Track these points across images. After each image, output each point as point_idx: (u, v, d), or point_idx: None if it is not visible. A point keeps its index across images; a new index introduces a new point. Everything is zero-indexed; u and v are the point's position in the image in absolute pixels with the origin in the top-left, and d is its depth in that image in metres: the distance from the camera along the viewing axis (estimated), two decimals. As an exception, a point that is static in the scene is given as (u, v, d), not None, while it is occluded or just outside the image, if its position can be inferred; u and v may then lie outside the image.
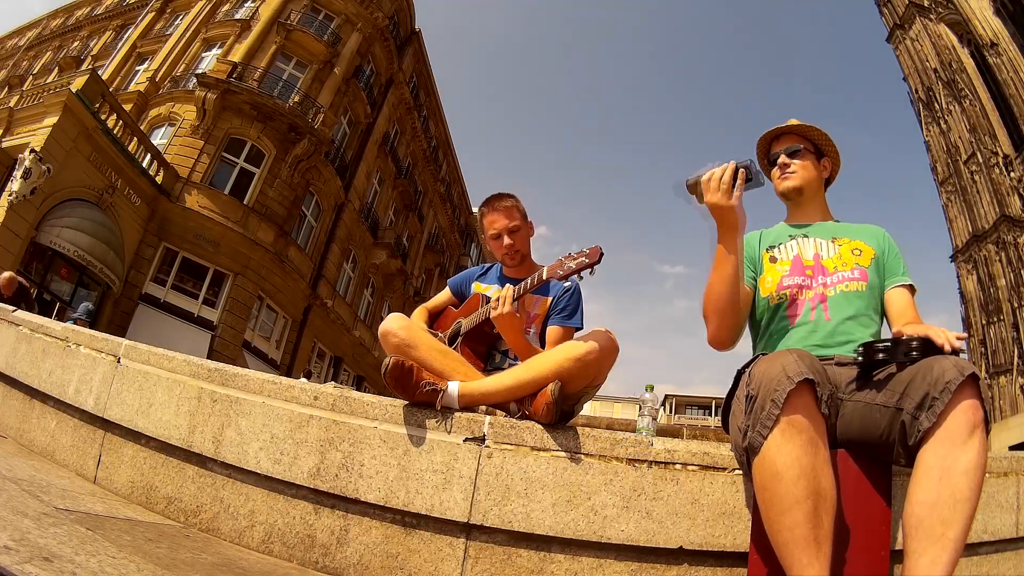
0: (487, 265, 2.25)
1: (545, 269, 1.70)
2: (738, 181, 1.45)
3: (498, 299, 1.76)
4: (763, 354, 1.38)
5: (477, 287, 2.14)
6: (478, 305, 1.98)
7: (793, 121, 1.76)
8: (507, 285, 1.79)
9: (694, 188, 1.52)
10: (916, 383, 1.20)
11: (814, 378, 1.19)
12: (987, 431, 1.16)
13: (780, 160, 1.72)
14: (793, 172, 1.71)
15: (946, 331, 1.27)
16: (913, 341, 1.27)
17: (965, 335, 1.28)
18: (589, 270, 1.62)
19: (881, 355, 1.29)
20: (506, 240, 2.03)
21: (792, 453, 1.14)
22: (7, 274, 6.96)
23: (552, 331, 1.97)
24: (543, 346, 1.94)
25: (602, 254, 1.60)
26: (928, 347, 1.26)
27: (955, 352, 1.24)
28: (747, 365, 1.43)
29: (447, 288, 2.24)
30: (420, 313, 2.18)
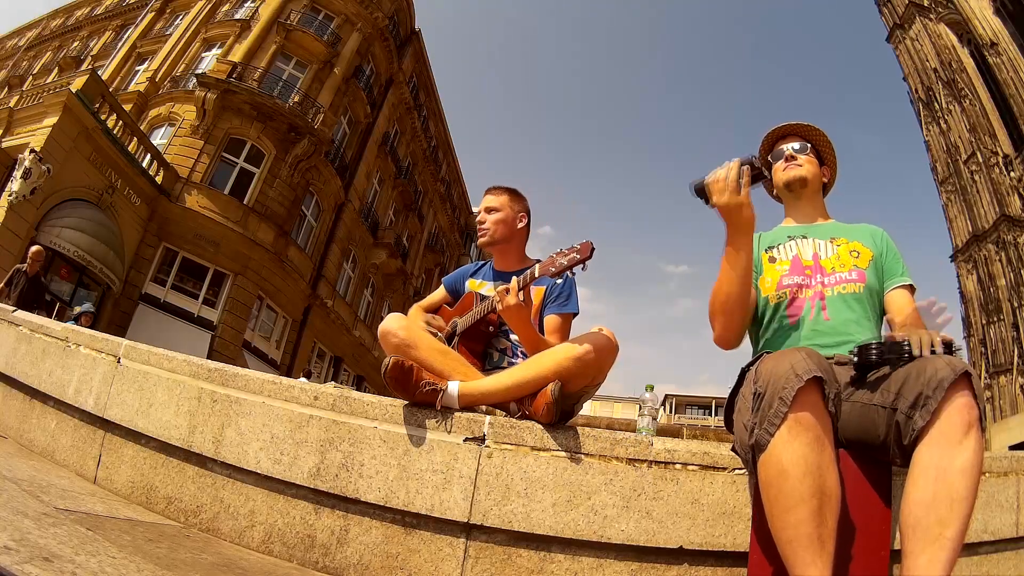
0: (480, 262, 2.26)
1: (537, 266, 1.70)
2: (744, 179, 1.44)
3: (506, 290, 1.75)
4: (767, 352, 1.37)
5: (471, 284, 2.14)
6: (472, 304, 1.98)
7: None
8: (512, 278, 1.78)
9: (701, 191, 1.51)
10: (910, 382, 1.20)
11: (823, 376, 1.19)
12: (982, 429, 1.15)
13: (787, 153, 1.74)
14: (800, 164, 1.72)
15: (934, 334, 1.26)
16: (905, 343, 1.27)
17: (952, 338, 1.26)
18: (581, 266, 1.62)
19: (875, 356, 1.30)
20: (481, 215, 2.13)
21: (799, 451, 1.14)
22: (37, 248, 6.74)
23: (550, 320, 1.97)
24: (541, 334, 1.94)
25: (593, 249, 1.60)
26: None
27: (949, 352, 1.24)
28: (752, 363, 1.43)
29: (442, 286, 2.24)
30: (416, 312, 2.17)
